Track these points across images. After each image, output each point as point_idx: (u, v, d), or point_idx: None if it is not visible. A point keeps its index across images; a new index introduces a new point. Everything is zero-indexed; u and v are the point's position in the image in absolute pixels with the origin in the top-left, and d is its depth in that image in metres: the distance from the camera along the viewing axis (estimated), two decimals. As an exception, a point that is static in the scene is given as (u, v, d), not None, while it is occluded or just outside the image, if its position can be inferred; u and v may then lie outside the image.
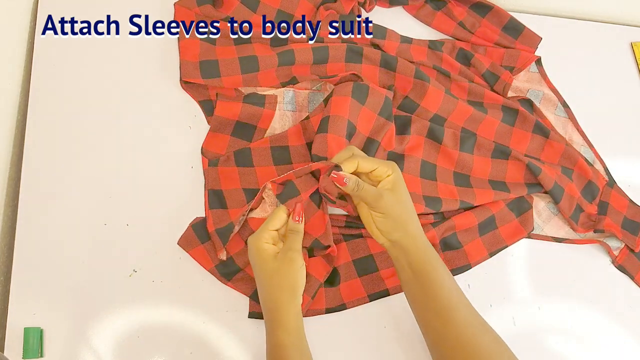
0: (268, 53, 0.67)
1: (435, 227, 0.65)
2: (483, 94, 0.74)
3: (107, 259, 0.59)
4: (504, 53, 0.78)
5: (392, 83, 0.71)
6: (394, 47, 0.75)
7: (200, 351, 0.57)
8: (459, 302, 0.54)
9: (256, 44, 0.69)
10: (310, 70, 0.70)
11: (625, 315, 0.69)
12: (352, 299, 0.62)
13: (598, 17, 0.89)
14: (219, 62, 0.65)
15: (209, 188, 0.63)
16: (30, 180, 0.61)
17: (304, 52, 0.68)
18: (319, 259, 0.61)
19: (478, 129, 0.73)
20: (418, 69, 0.70)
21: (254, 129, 0.66)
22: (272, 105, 0.67)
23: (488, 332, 0.53)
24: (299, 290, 0.55)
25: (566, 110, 0.78)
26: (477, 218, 0.67)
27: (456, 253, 0.66)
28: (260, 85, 0.67)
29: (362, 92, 0.64)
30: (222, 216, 0.61)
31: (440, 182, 0.69)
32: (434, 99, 0.70)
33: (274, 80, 0.68)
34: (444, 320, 0.53)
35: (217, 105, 0.65)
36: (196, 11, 0.69)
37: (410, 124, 0.70)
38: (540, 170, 0.69)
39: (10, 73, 0.64)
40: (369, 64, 0.71)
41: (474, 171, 0.71)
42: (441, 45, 0.77)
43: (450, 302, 0.53)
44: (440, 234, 0.65)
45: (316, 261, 0.61)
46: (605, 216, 0.71)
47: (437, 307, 0.54)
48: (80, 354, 0.55)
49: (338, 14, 0.72)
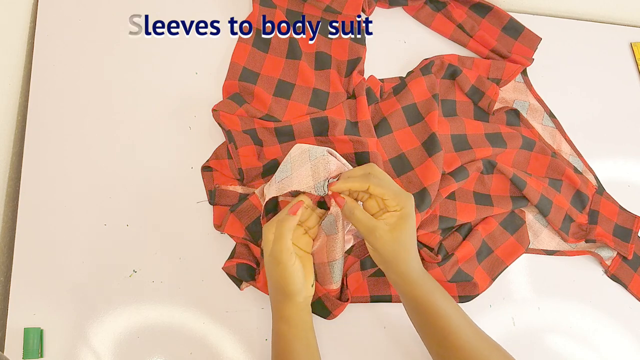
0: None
1: (441, 267, 0.63)
2: (464, 126, 0.73)
3: (107, 259, 0.59)
4: (490, 65, 0.77)
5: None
6: (393, 105, 0.73)
7: (200, 351, 0.57)
8: (460, 329, 0.52)
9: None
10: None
11: (625, 315, 0.69)
12: (354, 295, 0.62)
13: (597, 18, 0.89)
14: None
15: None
16: (30, 180, 0.61)
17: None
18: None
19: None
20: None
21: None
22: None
23: (495, 350, 0.52)
24: (292, 291, 0.52)
25: (553, 120, 0.78)
26: (475, 246, 0.66)
27: (469, 285, 0.65)
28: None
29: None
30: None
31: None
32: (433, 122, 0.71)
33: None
34: (446, 347, 0.52)
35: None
36: (240, 113, 0.66)
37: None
38: (525, 184, 0.69)
39: (10, 73, 0.64)
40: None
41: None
42: (431, 65, 0.76)
43: (450, 329, 0.52)
44: (447, 272, 0.64)
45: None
46: (596, 225, 0.71)
47: (437, 334, 0.53)
48: (80, 354, 0.55)
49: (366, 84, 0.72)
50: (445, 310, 0.53)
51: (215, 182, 0.64)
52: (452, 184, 0.66)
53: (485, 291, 0.66)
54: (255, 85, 0.69)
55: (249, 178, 0.63)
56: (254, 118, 0.66)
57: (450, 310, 0.53)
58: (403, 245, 0.51)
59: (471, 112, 0.76)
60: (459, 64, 0.77)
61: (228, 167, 0.64)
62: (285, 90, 0.70)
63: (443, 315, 0.52)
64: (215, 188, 0.63)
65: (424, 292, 0.53)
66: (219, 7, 0.74)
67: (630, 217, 0.73)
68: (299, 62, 0.71)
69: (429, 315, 0.53)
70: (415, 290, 0.53)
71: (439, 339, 0.53)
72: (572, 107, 0.79)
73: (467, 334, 0.52)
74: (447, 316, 0.52)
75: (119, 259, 0.59)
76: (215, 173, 0.64)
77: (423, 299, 0.53)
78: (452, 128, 0.72)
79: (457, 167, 0.69)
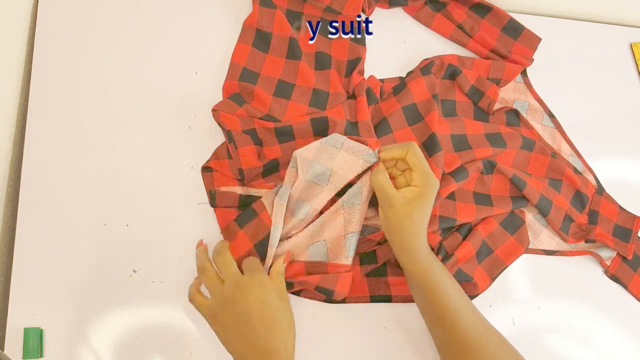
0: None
1: None
2: (464, 126, 0.73)
3: (107, 259, 0.59)
4: (489, 65, 0.77)
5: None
6: (393, 105, 0.73)
7: (200, 351, 0.57)
8: (461, 309, 0.53)
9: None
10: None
11: (625, 315, 0.69)
12: (354, 295, 0.62)
13: (597, 18, 0.89)
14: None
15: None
16: (30, 180, 0.61)
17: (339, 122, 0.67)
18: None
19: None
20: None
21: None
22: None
23: (493, 336, 0.53)
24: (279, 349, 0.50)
25: (553, 121, 0.78)
26: (475, 246, 0.66)
27: (469, 285, 0.65)
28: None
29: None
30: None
31: None
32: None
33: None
34: (445, 326, 0.53)
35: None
36: (240, 113, 0.65)
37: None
38: (525, 184, 0.69)
39: (10, 73, 0.64)
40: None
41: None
42: (431, 65, 0.76)
43: (450, 309, 0.53)
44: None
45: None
46: (596, 225, 0.71)
47: (438, 313, 0.54)
48: (80, 354, 0.55)
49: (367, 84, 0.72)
50: (447, 291, 0.54)
51: (215, 182, 0.64)
52: (452, 184, 0.66)
53: (485, 291, 0.66)
54: (255, 85, 0.69)
55: (249, 178, 0.63)
56: (254, 118, 0.66)
57: (452, 291, 0.54)
58: (413, 221, 0.53)
59: (471, 112, 0.76)
60: (459, 64, 0.77)
61: (228, 167, 0.64)
62: (285, 90, 0.70)
63: (444, 294, 0.53)
64: (215, 190, 0.63)
65: (427, 270, 0.54)
66: (219, 7, 0.74)
67: (630, 217, 0.73)
68: (299, 62, 0.71)
69: (430, 293, 0.54)
70: (418, 267, 0.54)
71: (438, 318, 0.54)
72: (572, 107, 0.79)
73: (467, 316, 0.53)
74: (448, 296, 0.53)
75: (119, 259, 0.59)
76: (216, 173, 0.64)
77: (426, 277, 0.54)
78: (452, 128, 0.72)
79: (457, 167, 0.69)
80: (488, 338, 0.53)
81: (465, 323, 0.53)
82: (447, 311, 0.53)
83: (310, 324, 0.60)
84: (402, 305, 0.63)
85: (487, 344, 0.52)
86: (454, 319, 0.53)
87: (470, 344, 0.52)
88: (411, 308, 0.62)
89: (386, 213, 0.53)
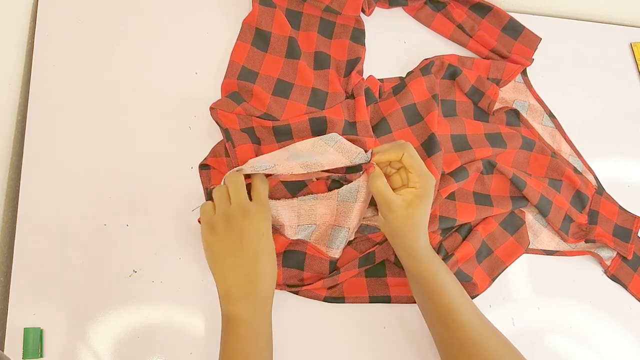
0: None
1: None
2: (464, 126, 0.73)
3: (107, 259, 0.59)
4: (489, 65, 0.77)
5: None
6: (392, 105, 0.73)
7: (200, 351, 0.57)
8: (462, 309, 0.53)
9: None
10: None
11: (625, 315, 0.69)
12: (353, 295, 0.62)
13: (597, 18, 0.89)
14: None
15: None
16: (30, 180, 0.61)
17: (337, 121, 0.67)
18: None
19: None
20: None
21: None
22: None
23: (495, 336, 0.53)
24: (225, 297, 0.51)
25: (553, 121, 0.78)
26: (474, 246, 0.66)
27: (469, 285, 0.65)
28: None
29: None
30: None
31: None
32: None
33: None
34: (446, 326, 0.53)
35: None
36: (238, 111, 0.66)
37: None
38: (524, 184, 0.69)
39: (10, 73, 0.64)
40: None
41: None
42: (431, 65, 0.76)
43: (452, 308, 0.53)
44: None
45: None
46: (596, 225, 0.71)
47: (439, 312, 0.54)
48: (80, 354, 0.55)
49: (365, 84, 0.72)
50: (449, 290, 0.54)
51: (212, 180, 0.64)
52: (451, 184, 0.66)
53: (484, 291, 0.66)
54: (254, 84, 0.69)
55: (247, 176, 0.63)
56: (252, 116, 0.66)
57: (454, 291, 0.54)
58: (414, 222, 0.53)
59: (471, 112, 0.76)
60: (459, 64, 0.77)
61: (226, 165, 0.64)
62: (284, 89, 0.70)
63: (446, 294, 0.54)
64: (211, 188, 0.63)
65: (429, 270, 0.54)
66: (219, 7, 0.74)
67: (630, 217, 0.73)
68: (298, 61, 0.71)
69: (432, 293, 0.54)
70: (420, 267, 0.54)
71: (440, 317, 0.54)
72: (572, 107, 0.79)
73: (468, 315, 0.53)
74: (450, 295, 0.54)
75: (119, 259, 0.59)
76: (213, 171, 0.64)
77: (427, 276, 0.54)
78: (452, 128, 0.72)
79: (456, 168, 0.69)
80: (489, 338, 0.53)
81: (466, 322, 0.53)
82: (448, 311, 0.53)
83: (310, 323, 0.60)
84: (402, 305, 0.63)
85: (488, 343, 0.52)
86: (455, 318, 0.53)
87: (471, 344, 0.52)
88: (411, 308, 0.62)
89: (386, 217, 0.54)
